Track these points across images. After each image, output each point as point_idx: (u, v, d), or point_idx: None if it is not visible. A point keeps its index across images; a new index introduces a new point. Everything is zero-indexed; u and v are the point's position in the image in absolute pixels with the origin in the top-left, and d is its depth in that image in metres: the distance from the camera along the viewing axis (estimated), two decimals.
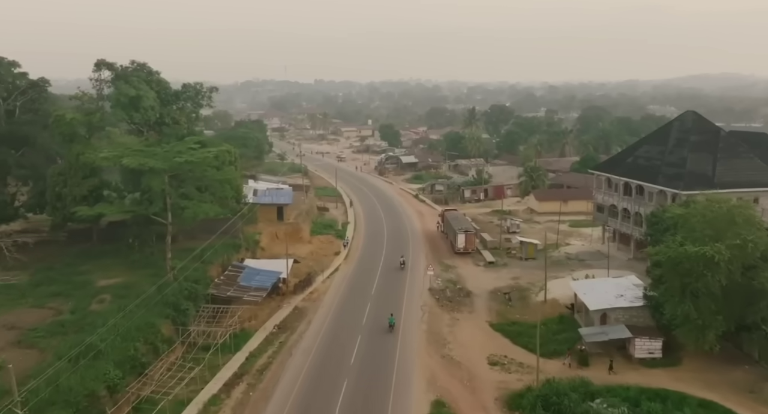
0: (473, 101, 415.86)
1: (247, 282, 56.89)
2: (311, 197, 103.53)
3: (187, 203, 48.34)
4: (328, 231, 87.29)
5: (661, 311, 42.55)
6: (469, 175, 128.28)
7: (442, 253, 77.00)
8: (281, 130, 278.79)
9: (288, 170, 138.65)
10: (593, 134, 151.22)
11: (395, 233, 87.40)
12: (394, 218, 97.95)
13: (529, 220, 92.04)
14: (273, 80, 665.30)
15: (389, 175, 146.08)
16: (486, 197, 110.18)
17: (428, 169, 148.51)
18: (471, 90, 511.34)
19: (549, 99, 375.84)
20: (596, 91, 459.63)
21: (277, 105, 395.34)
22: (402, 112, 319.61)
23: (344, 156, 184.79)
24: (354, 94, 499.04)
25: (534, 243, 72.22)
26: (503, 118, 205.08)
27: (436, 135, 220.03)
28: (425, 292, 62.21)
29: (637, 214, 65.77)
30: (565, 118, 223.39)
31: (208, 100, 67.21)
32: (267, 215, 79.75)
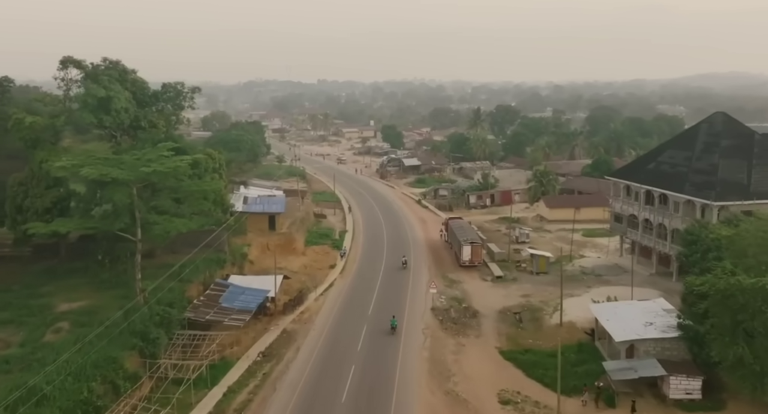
0: (478, 101, 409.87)
1: (230, 303, 51.26)
2: (308, 204, 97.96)
3: (157, 218, 42.74)
4: (324, 241, 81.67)
5: (700, 344, 36.78)
6: (474, 179, 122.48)
7: (445, 266, 71.26)
8: (282, 131, 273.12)
9: (285, 174, 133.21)
10: (604, 135, 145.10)
11: (396, 243, 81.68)
12: (395, 226, 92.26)
13: (538, 229, 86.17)
14: (276, 80, 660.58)
15: (391, 179, 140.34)
16: (492, 203, 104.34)
17: (431, 173, 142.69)
18: (475, 90, 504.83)
19: (555, 99, 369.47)
20: (603, 90, 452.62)
21: (280, 105, 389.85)
22: (405, 113, 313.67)
23: (345, 158, 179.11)
24: (357, 94, 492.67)
25: (546, 256, 66.41)
26: (509, 119, 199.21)
27: (440, 136, 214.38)
28: (427, 313, 56.51)
29: (661, 225, 59.90)
30: (572, 119, 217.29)
31: (190, 102, 61.59)
32: (258, 225, 74.22)
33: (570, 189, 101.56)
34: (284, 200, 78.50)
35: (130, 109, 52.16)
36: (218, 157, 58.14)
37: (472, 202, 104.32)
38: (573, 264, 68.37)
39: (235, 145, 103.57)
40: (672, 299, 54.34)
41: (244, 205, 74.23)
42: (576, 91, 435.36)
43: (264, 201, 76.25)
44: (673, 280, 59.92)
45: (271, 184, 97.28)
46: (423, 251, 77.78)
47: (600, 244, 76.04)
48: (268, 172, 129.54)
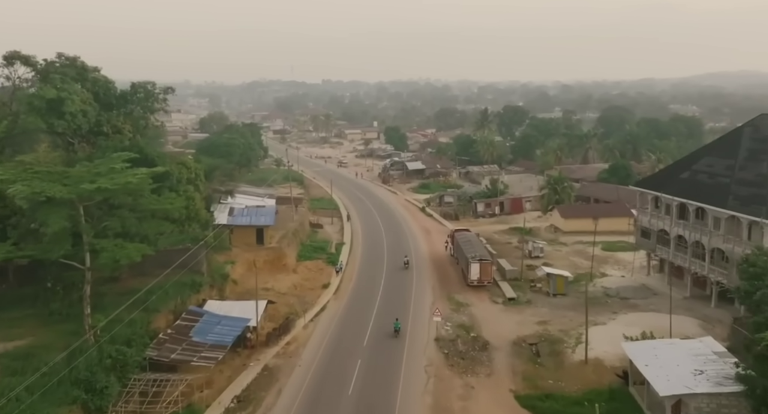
0: (484, 101, 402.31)
1: (203, 336, 44.31)
2: (303, 213, 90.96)
3: (105, 244, 35.81)
4: (318, 255, 74.67)
5: None
6: (481, 185, 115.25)
7: (451, 285, 64.10)
8: (283, 132, 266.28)
9: (282, 179, 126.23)
10: (618, 137, 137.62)
11: (397, 257, 74.54)
12: (396, 237, 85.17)
13: (553, 241, 78.86)
14: (279, 80, 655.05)
15: (393, 184, 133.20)
16: (502, 211, 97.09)
17: (436, 177, 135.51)
18: (482, 89, 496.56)
19: (563, 98, 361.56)
20: (612, 89, 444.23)
21: (283, 105, 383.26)
22: (410, 113, 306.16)
23: (346, 161, 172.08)
24: (362, 95, 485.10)
25: (564, 276, 59.14)
26: (517, 120, 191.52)
27: (446, 137, 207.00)
28: (430, 344, 49.40)
29: (698, 244, 52.61)
30: (583, 119, 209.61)
31: (162, 103, 54.63)
32: (244, 239, 67.29)
33: (585, 196, 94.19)
34: (274, 211, 71.44)
35: (89, 112, 45.31)
36: (194, 167, 51.19)
37: (479, 210, 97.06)
38: (594, 284, 61.06)
39: (225, 150, 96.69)
40: (713, 330, 47.25)
41: (229, 218, 67.35)
42: (584, 90, 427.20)
43: (251, 212, 69.28)
44: (712, 306, 52.72)
45: (263, 192, 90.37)
46: (426, 267, 70.66)
47: (623, 261, 68.67)
48: (264, 177, 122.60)
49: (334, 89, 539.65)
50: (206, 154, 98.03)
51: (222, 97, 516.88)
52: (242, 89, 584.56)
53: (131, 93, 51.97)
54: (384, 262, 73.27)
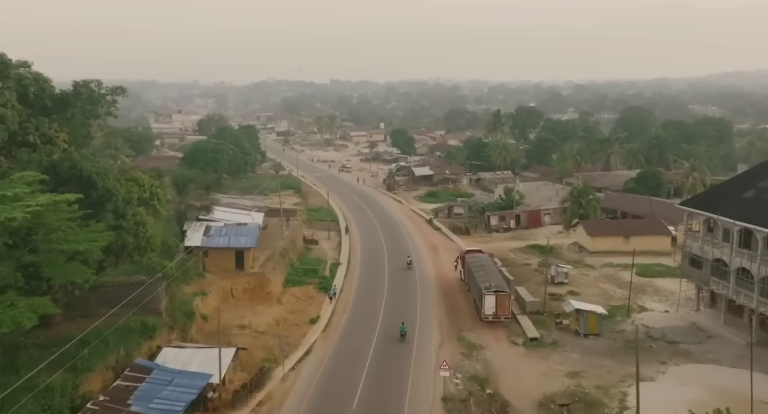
0: (495, 101, 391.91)
1: (145, 404, 34.82)
2: (296, 227, 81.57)
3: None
4: (309, 278, 65.22)
5: None
6: (494, 194, 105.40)
7: (462, 320, 54.44)
8: (286, 134, 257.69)
9: (278, 186, 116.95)
10: (642, 141, 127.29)
11: (400, 280, 65.10)
12: (400, 255, 75.56)
13: (578, 263, 68.94)
14: (288, 80, 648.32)
15: (399, 191, 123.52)
16: (518, 225, 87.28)
17: (445, 184, 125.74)
18: (492, 89, 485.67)
19: (577, 99, 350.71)
20: (626, 89, 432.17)
21: (290, 106, 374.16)
22: (419, 114, 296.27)
23: (350, 165, 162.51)
24: (370, 95, 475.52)
25: (597, 313, 49.30)
26: (531, 122, 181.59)
27: (456, 140, 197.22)
28: (436, 406, 39.80)
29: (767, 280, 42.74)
30: (600, 121, 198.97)
31: (108, 108, 45.29)
32: (221, 263, 57.99)
33: (611, 209, 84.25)
34: (257, 230, 61.95)
35: (8, 117, 36.13)
36: (149, 184, 41.84)
37: (493, 224, 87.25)
38: (633, 321, 51.30)
39: (212, 157, 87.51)
40: None
41: (204, 238, 58.02)
42: (598, 90, 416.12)
43: (231, 232, 59.89)
44: None
45: (252, 204, 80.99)
46: (433, 295, 60.99)
47: (663, 289, 58.72)
48: (258, 185, 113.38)
49: (343, 89, 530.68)
50: (191, 162, 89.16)
51: (229, 97, 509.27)
52: (249, 89, 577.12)
53: (74, 94, 42.69)
54: (384, 286, 63.82)
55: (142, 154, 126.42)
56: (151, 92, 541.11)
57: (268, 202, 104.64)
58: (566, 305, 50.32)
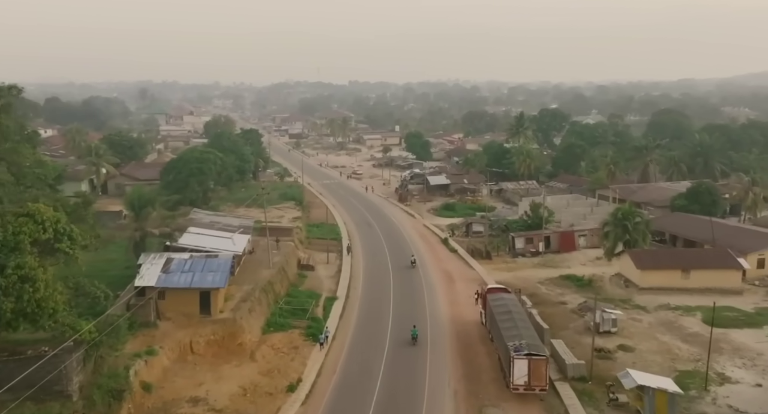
0: (514, 103, 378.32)
1: None
2: (288, 251, 70.11)
3: None
4: (297, 319, 53.69)
5: None
6: (519, 209, 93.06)
7: (483, 386, 42.37)
8: (299, 137, 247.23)
9: (279, 197, 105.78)
10: (684, 148, 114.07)
11: (407, 321, 53.28)
12: (409, 286, 63.79)
13: (626, 302, 56.46)
14: (306, 82, 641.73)
15: (412, 202, 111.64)
16: (547, 248, 74.98)
17: (463, 195, 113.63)
18: (512, 90, 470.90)
19: (600, 100, 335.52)
20: (651, 90, 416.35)
21: (307, 107, 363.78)
22: (436, 116, 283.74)
23: (361, 172, 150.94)
24: (388, 96, 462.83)
25: (669, 391, 36.90)
26: (555, 125, 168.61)
27: (474, 144, 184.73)
28: None
29: None
30: (630, 124, 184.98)
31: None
32: (182, 307, 46.58)
33: (659, 232, 71.57)
34: (229, 265, 50.37)
35: None
36: (51, 219, 30.62)
37: (518, 247, 74.98)
38: (714, 397, 38.92)
39: (195, 168, 76.41)
40: None
41: (162, 276, 46.68)
42: (621, 91, 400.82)
43: (196, 266, 48.43)
44: None
45: (238, 223, 69.58)
46: (447, 346, 48.98)
47: (745, 347, 45.90)
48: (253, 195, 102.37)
49: (361, 90, 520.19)
50: (173, 174, 78.29)
51: (247, 98, 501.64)
52: (268, 91, 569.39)
53: None
54: (387, 334, 52.10)
55: (135, 159, 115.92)
56: (172, 93, 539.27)
57: (270, 214, 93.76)
58: (624, 377, 38.00)
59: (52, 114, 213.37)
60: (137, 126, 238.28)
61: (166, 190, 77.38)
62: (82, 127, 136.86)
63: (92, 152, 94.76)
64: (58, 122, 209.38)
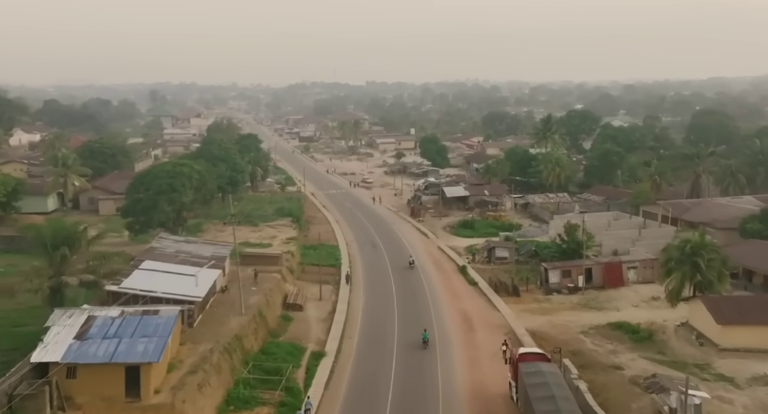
0: (536, 103, 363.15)
1: None
2: (271, 287, 57.46)
3: None
4: (270, 387, 40.87)
5: None
6: (549, 228, 79.64)
7: None
8: (309, 140, 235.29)
9: (274, 212, 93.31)
10: (739, 155, 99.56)
11: (408, 403, 40.27)
12: (417, 339, 50.72)
13: (702, 369, 42.61)
14: (323, 82, 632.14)
15: (426, 217, 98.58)
16: (588, 283, 61.32)
17: (484, 208, 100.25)
18: (533, 90, 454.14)
19: (629, 100, 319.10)
20: (680, 89, 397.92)
21: (322, 108, 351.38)
22: (455, 117, 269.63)
23: (371, 180, 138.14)
24: (405, 97, 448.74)
25: None
26: (585, 127, 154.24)
27: (495, 149, 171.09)
28: None
29: None
30: (668, 126, 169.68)
31: None
32: (100, 389, 34.02)
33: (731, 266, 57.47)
34: (171, 326, 37.64)
35: None
36: None
37: (552, 280, 61.45)
38: None
39: (166, 184, 64.06)
40: None
41: (74, 344, 34.27)
42: (649, 90, 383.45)
43: (125, 328, 35.93)
44: None
45: (210, 253, 57.03)
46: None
47: None
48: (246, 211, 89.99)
49: (378, 91, 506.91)
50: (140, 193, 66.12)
51: (263, 99, 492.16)
52: (285, 91, 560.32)
53: None
54: (387, 406, 39.29)
55: (119, 169, 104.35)
56: (188, 94, 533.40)
57: (257, 235, 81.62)
58: None
59: (51, 117, 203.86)
60: (141, 129, 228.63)
61: (130, 212, 65.17)
62: (63, 134, 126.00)
63: (59, 162, 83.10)
64: (57, 126, 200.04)
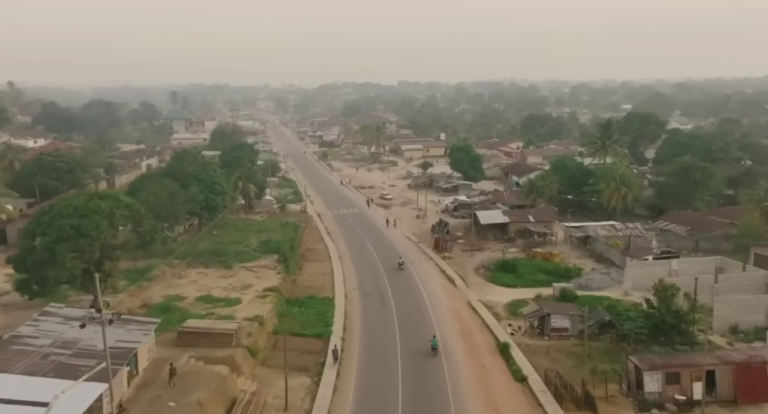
0: (579, 103, 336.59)
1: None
2: (207, 394, 36.53)
3: None
4: None
5: None
6: (625, 279, 57.11)
7: None
8: (330, 144, 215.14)
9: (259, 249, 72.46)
10: None
11: None
12: None
13: None
14: (354, 83, 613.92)
15: (453, 251, 76.84)
16: (710, 394, 38.65)
17: (529, 240, 78.08)
18: (574, 89, 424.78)
19: (683, 99, 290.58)
20: (740, 87, 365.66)
21: (351, 109, 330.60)
22: (491, 118, 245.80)
23: (391, 196, 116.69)
24: (438, 97, 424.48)
25: None
26: (647, 133, 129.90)
27: (537, 156, 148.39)
28: None
29: None
30: (750, 129, 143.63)
31: None
32: None
33: None
34: None
35: None
36: None
37: (650, 388, 38.81)
38: None
39: (72, 228, 43.84)
40: None
41: None
42: (704, 89, 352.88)
43: None
44: None
45: (114, 344, 36.60)
46: None
47: None
48: (218, 247, 69.57)
49: (410, 91, 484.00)
50: (35, 240, 46.01)
51: (292, 100, 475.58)
52: (315, 92, 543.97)
53: None
54: None
55: (74, 187, 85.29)
56: (219, 95, 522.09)
57: (227, 283, 61.15)
58: None
59: (49, 121, 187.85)
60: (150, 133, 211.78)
61: (21, 266, 45.28)
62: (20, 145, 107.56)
63: None
64: (56, 131, 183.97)
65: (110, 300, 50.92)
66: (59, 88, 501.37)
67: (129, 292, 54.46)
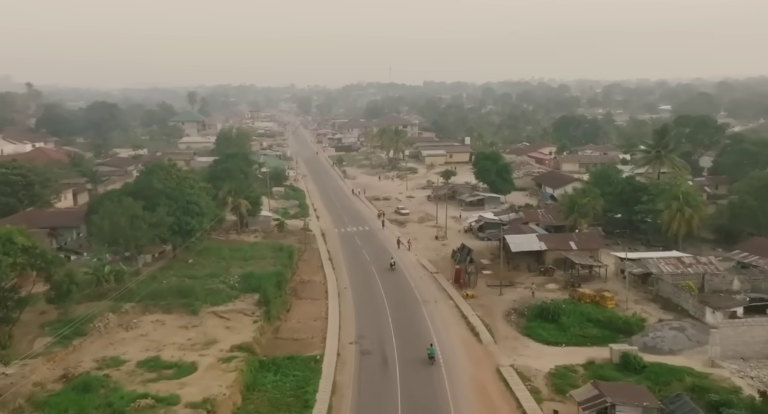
0: (612, 103, 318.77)
1: None
2: None
3: None
4: None
5: None
6: (711, 342, 42.19)
7: None
8: (348, 148, 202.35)
9: (241, 285, 59.06)
10: None
11: None
12: None
13: None
14: (378, 83, 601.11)
15: (477, 287, 62.45)
16: None
17: (571, 275, 63.25)
18: (606, 89, 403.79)
19: (729, 99, 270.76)
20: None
21: (374, 110, 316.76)
22: (519, 120, 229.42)
23: (407, 210, 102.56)
24: (464, 97, 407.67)
25: None
26: (704, 139, 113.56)
27: (573, 164, 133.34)
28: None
29: None
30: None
31: None
32: None
33: None
34: None
35: None
36: None
37: None
38: None
39: None
40: None
41: None
42: (750, 88, 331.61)
43: None
44: None
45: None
46: None
47: None
48: (183, 288, 56.29)
49: (435, 91, 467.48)
50: None
51: (315, 101, 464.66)
52: (338, 93, 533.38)
53: None
54: None
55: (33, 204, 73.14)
56: (244, 96, 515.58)
57: (185, 338, 47.81)
58: None
59: (51, 124, 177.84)
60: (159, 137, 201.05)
61: None
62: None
63: None
64: (58, 135, 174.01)
65: (15, 372, 37.95)
66: (88, 89, 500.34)
67: (48, 357, 41.39)
